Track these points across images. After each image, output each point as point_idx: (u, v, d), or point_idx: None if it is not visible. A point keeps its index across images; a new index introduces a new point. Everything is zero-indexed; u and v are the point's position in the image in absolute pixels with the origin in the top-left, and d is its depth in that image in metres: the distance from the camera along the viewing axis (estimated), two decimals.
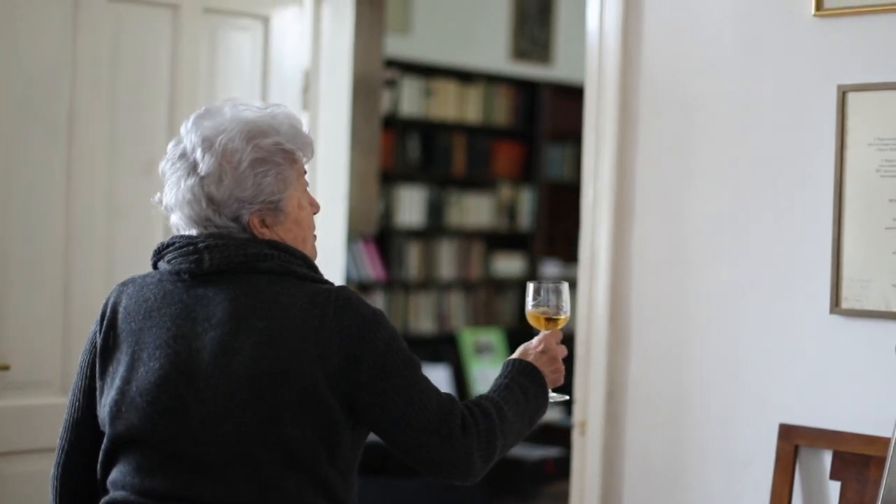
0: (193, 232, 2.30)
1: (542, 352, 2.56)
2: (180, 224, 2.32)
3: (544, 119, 8.29)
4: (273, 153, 2.29)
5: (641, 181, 3.69)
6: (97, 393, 2.33)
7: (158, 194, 2.37)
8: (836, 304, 3.27)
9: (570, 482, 3.90)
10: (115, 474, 2.27)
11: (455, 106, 7.85)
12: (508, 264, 8.28)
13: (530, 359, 2.53)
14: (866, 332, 3.24)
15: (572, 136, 8.23)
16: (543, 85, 8.27)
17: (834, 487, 3.28)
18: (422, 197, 7.78)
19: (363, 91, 4.49)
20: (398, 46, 7.21)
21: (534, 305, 2.68)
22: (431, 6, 7.71)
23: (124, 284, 2.37)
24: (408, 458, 2.29)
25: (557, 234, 8.48)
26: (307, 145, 2.36)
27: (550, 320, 2.67)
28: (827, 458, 3.30)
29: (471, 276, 8.10)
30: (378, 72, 4.58)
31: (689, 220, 3.57)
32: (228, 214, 2.28)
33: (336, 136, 4.44)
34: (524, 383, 2.47)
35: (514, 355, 2.56)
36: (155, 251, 2.34)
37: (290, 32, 4.23)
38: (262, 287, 2.24)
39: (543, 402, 2.51)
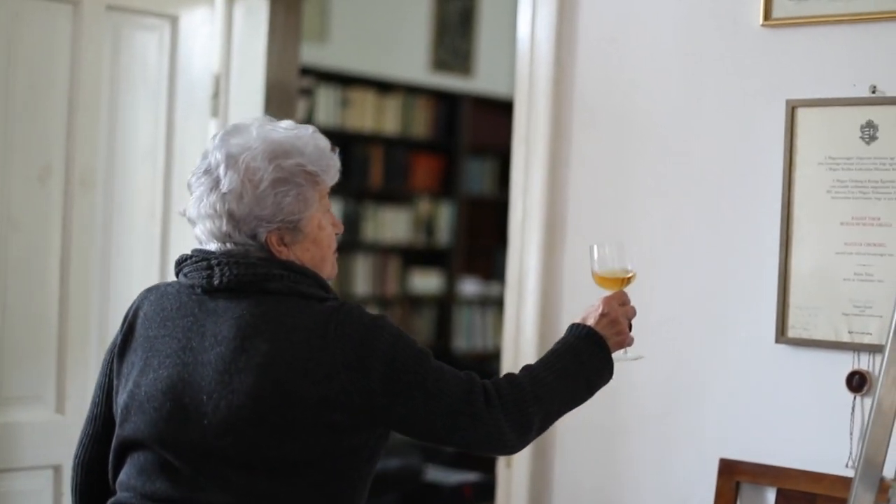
0: (212, 246, 2.36)
1: (602, 314, 2.54)
2: (202, 237, 2.38)
3: (464, 132, 8.09)
4: (295, 174, 2.34)
5: (574, 198, 3.49)
6: (113, 392, 2.43)
7: (184, 207, 2.41)
8: (781, 333, 3.09)
9: None
10: (122, 475, 2.35)
11: (372, 117, 7.63)
12: (425, 281, 8.06)
13: (589, 322, 2.53)
14: (814, 362, 3.06)
15: (493, 149, 8.13)
16: (464, 97, 8.07)
17: None
18: (337, 210, 7.54)
19: (277, 99, 4.23)
20: (314, 54, 6.96)
21: (599, 266, 2.65)
22: (349, 14, 7.48)
23: (149, 291, 2.46)
24: (441, 444, 2.37)
25: (477, 250, 8.29)
26: (331, 167, 2.43)
27: (616, 280, 2.63)
28: (770, 495, 3.12)
29: (387, 293, 7.86)
30: (293, 79, 4.32)
31: (625, 240, 3.34)
32: (247, 231, 2.33)
33: None
34: (578, 347, 2.48)
35: (576, 319, 2.56)
36: (176, 262, 2.41)
37: (200, 34, 3.96)
38: (268, 308, 2.29)
39: (604, 365, 2.50)
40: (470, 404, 2.30)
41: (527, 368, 2.45)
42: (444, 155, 8.13)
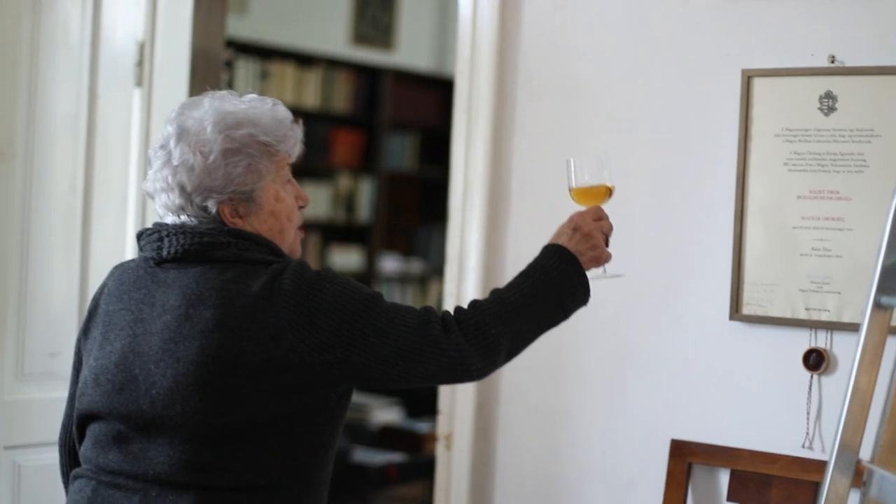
0: (169, 219, 2.37)
1: (574, 229, 2.48)
2: (160, 211, 2.40)
3: (385, 107, 7.94)
4: (246, 144, 2.32)
5: (518, 172, 3.38)
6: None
7: (145, 182, 2.43)
8: (736, 310, 3.01)
9: (434, 501, 3.56)
10: (82, 448, 2.38)
11: (292, 90, 7.44)
12: (345, 258, 7.91)
13: (562, 240, 2.47)
14: (769, 340, 2.98)
15: (415, 125, 8.01)
16: (385, 71, 7.93)
17: None
18: None
19: (203, 68, 4.07)
20: (234, 26, 6.75)
21: (576, 181, 2.55)
22: None
23: (116, 267, 2.48)
24: (409, 383, 2.32)
25: (397, 227, 8.17)
26: (289, 138, 2.39)
27: (594, 195, 2.54)
28: (724, 477, 3.05)
29: None
30: (219, 49, 4.17)
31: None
32: (199, 203, 2.33)
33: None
34: (546, 265, 2.42)
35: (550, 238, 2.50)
36: (136, 236, 2.43)
37: (123, 0, 3.78)
38: (213, 275, 2.28)
39: (578, 282, 2.44)
40: (427, 335, 2.27)
41: (494, 291, 2.40)
42: (365, 130, 7.98)
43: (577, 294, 2.44)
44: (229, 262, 2.30)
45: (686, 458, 3.07)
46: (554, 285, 2.41)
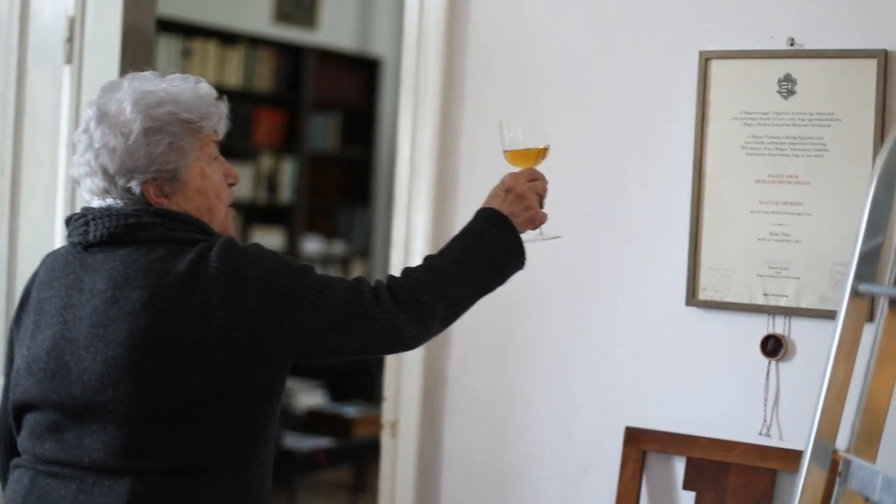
0: (95, 203, 2.35)
1: (507, 191, 2.45)
2: (86, 196, 2.37)
3: (308, 86, 7.84)
4: (168, 122, 2.30)
5: (467, 153, 3.31)
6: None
7: (71, 167, 2.41)
8: (692, 295, 2.97)
9: (379, 491, 3.48)
10: (20, 439, 2.36)
11: (215, 68, 7.32)
12: (267, 239, 7.79)
13: (495, 202, 2.44)
14: (726, 326, 2.95)
15: (337, 104, 7.90)
16: (308, 50, 7.82)
17: (687, 498, 2.99)
18: None
19: (133, 45, 3.95)
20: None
21: (509, 143, 2.50)
22: None
23: (48, 255, 2.45)
24: (344, 355, 2.30)
25: (320, 208, 8.09)
26: (212, 115, 2.36)
27: (528, 156, 2.49)
28: (679, 465, 3.01)
29: None
30: (150, 25, 4.05)
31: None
32: (122, 185, 2.30)
33: None
34: (479, 228, 2.40)
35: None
36: (65, 222, 2.40)
37: None
38: (139, 257, 2.25)
39: (512, 244, 2.41)
40: (359, 305, 2.25)
41: (427, 258, 2.39)
42: (288, 109, 7.88)
43: (512, 257, 2.42)
44: (156, 242, 2.27)
45: (640, 445, 3.03)
46: (487, 248, 2.38)
